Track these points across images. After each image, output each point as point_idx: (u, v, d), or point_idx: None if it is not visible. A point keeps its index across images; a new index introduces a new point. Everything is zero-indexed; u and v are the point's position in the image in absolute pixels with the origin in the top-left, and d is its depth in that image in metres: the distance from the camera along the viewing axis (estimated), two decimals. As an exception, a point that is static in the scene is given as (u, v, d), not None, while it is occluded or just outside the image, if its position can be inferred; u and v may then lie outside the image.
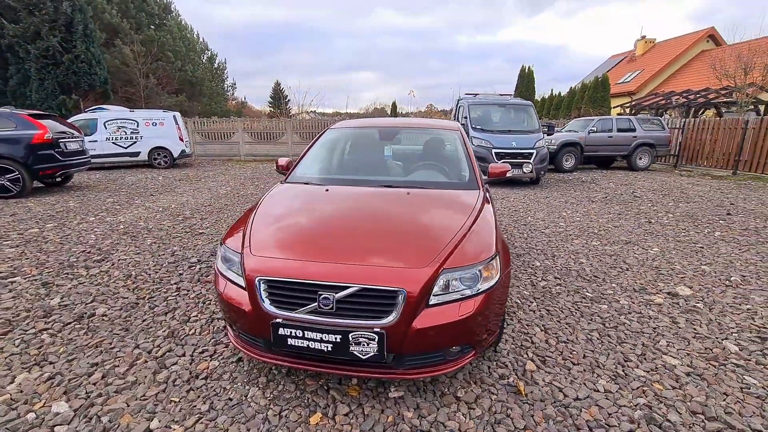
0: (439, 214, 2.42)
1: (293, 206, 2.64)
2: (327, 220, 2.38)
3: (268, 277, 1.91)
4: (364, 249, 2.02)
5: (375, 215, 2.43)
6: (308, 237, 2.20)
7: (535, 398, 2.07)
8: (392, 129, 3.69)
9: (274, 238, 2.19)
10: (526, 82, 19.23)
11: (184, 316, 2.92)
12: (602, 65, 33.83)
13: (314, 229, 2.28)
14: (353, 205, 2.59)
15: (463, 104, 10.34)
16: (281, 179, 3.22)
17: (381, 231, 2.21)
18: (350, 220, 2.37)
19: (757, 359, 2.45)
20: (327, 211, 2.52)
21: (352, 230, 2.23)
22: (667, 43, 29.07)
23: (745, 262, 4.19)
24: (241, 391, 2.10)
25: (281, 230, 2.30)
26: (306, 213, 2.51)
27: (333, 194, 2.73)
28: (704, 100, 15.03)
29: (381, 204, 2.57)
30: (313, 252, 2.01)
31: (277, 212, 2.53)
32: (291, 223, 2.40)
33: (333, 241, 2.12)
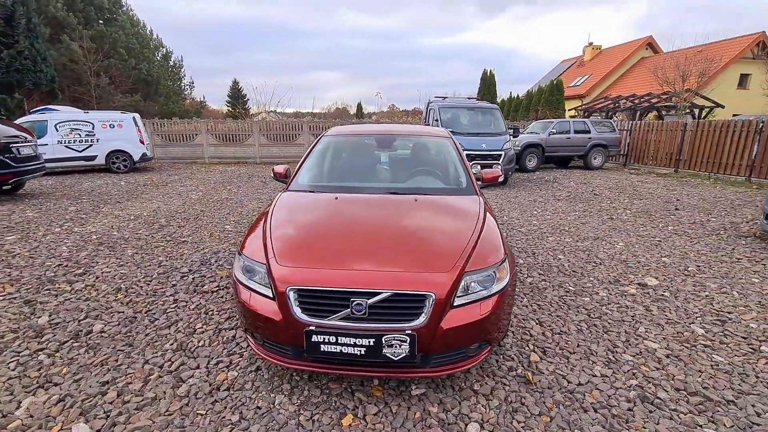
0: (449, 219, 2.57)
1: (308, 215, 2.69)
2: (346, 228, 2.46)
3: (300, 286, 1.97)
4: (389, 255, 2.13)
5: (390, 222, 2.54)
6: (332, 245, 2.27)
7: (543, 386, 2.27)
8: (389, 136, 3.80)
9: (298, 248, 2.24)
10: (488, 85, 20.02)
11: (188, 328, 2.87)
12: (554, 69, 35.78)
13: (335, 238, 2.35)
14: (367, 213, 2.68)
15: (434, 107, 10.63)
16: (282, 187, 3.25)
17: (400, 237, 2.33)
18: (368, 228, 2.46)
19: (720, 339, 2.81)
20: (343, 219, 2.60)
21: (373, 238, 2.33)
22: (612, 49, 31.25)
23: (697, 253, 4.70)
24: (268, 399, 2.14)
25: (303, 239, 2.35)
26: (323, 221, 2.58)
27: (344, 202, 2.80)
28: (648, 104, 16.37)
29: (393, 211, 2.68)
30: (341, 260, 2.09)
31: (293, 221, 2.57)
32: (311, 231, 2.46)
33: (357, 248, 2.21)
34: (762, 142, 10.35)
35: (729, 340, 2.80)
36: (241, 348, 2.62)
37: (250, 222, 5.93)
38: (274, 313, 2.01)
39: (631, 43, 29.62)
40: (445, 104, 10.58)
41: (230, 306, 3.20)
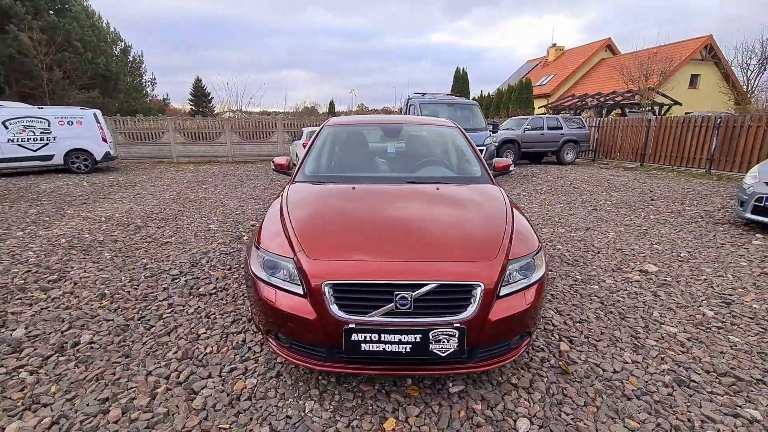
0: (478, 208, 2.47)
1: (328, 206, 2.50)
2: (373, 219, 2.29)
3: (337, 281, 1.80)
4: (428, 245, 2.00)
5: (418, 211, 2.40)
6: (364, 237, 2.10)
7: (580, 376, 2.22)
8: (395, 126, 3.66)
9: (328, 240, 2.06)
10: (461, 83, 20.28)
11: (190, 334, 2.62)
12: (521, 69, 36.80)
13: (365, 229, 2.19)
14: (390, 203, 2.53)
15: (414, 103, 10.58)
16: (288, 178, 3.05)
17: (434, 226, 2.19)
18: (396, 217, 2.31)
19: (730, 321, 2.88)
20: (368, 209, 2.44)
21: (405, 227, 2.18)
22: (574, 50, 32.52)
23: (683, 240, 4.88)
24: (298, 407, 1.95)
25: (331, 231, 2.17)
26: (347, 212, 2.40)
27: (363, 192, 2.64)
28: (613, 102, 17.11)
29: (417, 200, 2.55)
30: (377, 252, 1.93)
31: (315, 212, 2.38)
32: (337, 223, 2.27)
33: (391, 239, 2.06)
34: (719, 136, 11.02)
35: (739, 321, 2.87)
36: (254, 353, 2.41)
37: (235, 221, 5.61)
38: (306, 311, 1.83)
39: (592, 44, 30.92)
40: (426, 100, 10.55)
41: (233, 309, 2.95)
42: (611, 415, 1.92)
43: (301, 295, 1.87)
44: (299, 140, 11.72)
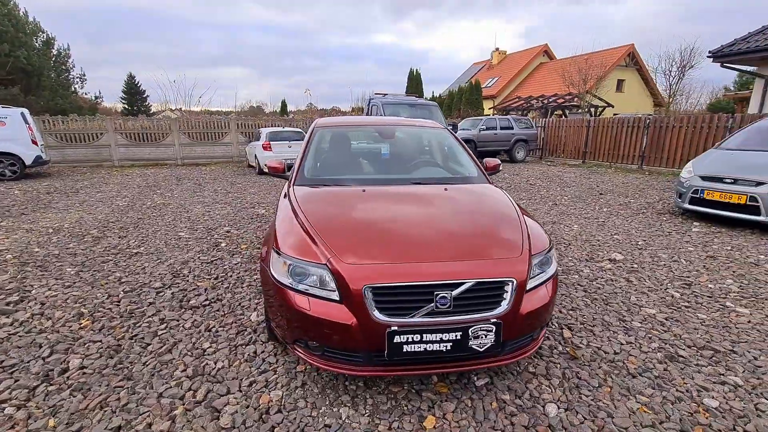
0: (489, 206, 2.56)
1: (346, 209, 2.45)
2: (394, 221, 2.30)
3: (378, 284, 1.79)
4: (459, 245, 2.05)
5: (436, 212, 2.44)
6: (394, 238, 2.10)
7: (588, 359, 2.40)
8: (389, 127, 3.68)
9: (358, 244, 2.03)
10: (415, 83, 20.71)
11: (195, 349, 2.46)
12: (467, 71, 38.31)
13: (392, 230, 2.19)
14: (406, 204, 2.55)
15: (376, 103, 10.64)
16: (285, 181, 2.97)
17: (455, 226, 2.25)
18: (417, 219, 2.33)
19: (694, 300, 3.25)
20: (387, 211, 2.44)
21: (429, 228, 2.21)
22: (515, 54, 34.47)
23: (636, 229, 5.39)
24: (333, 415, 1.92)
25: (358, 235, 2.14)
26: (368, 215, 2.38)
27: (376, 194, 2.64)
28: (556, 104, 18.38)
29: (431, 200, 2.59)
30: (412, 253, 1.95)
31: (333, 216, 2.33)
32: (363, 226, 2.24)
33: (421, 240, 2.08)
34: (649, 136, 12.27)
35: (701, 300, 3.24)
36: (270, 364, 2.32)
37: (206, 228, 5.31)
38: (344, 316, 1.80)
39: (531, 49, 32.96)
40: (388, 100, 10.65)
41: (233, 320, 2.82)
42: (624, 393, 2.10)
43: (337, 301, 1.85)
44: (257, 141, 11.31)
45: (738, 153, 5.98)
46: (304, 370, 2.27)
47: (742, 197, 5.27)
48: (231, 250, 4.35)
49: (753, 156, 5.70)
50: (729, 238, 4.96)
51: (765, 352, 2.48)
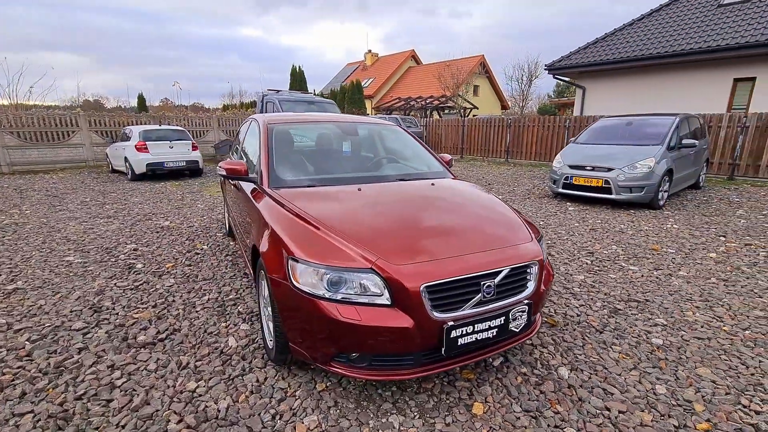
0: (480, 199, 2.70)
1: (355, 209, 2.29)
2: (413, 217, 2.25)
3: (433, 281, 1.77)
4: (484, 235, 2.14)
5: (443, 205, 2.48)
6: (422, 235, 2.06)
7: (563, 325, 2.78)
8: (350, 125, 3.55)
9: (397, 243, 1.94)
10: (299, 81, 20.13)
11: (178, 393, 2.02)
12: (342, 71, 38.95)
13: (418, 227, 2.14)
14: (409, 200, 2.51)
15: (272, 100, 10.06)
16: (252, 186, 2.67)
17: (468, 219, 2.33)
18: (431, 214, 2.33)
19: (600, 265, 4.02)
20: (396, 208, 2.37)
21: (448, 222, 2.24)
22: (387, 57, 36.45)
23: (532, 212, 6.36)
24: (386, 425, 1.83)
25: (389, 234, 2.03)
26: (381, 213, 2.27)
27: (374, 193, 2.55)
28: (434, 105, 20.12)
29: (429, 196, 2.62)
30: (448, 247, 1.95)
31: (348, 218, 2.15)
32: (385, 225, 2.13)
33: (448, 234, 2.10)
34: (512, 133, 14.47)
35: (605, 264, 4.04)
36: (283, 390, 2.06)
37: (102, 248, 4.30)
38: (400, 320, 1.73)
39: (401, 54, 35.30)
40: (285, 97, 10.17)
41: (209, 350, 2.39)
42: (602, 346, 2.52)
43: (387, 305, 1.76)
44: (127, 142, 9.52)
45: (590, 146, 7.56)
46: (325, 388, 2.09)
47: (599, 181, 6.69)
48: (155, 272, 3.63)
49: (601, 148, 7.29)
50: (595, 213, 6.24)
51: (664, 296, 3.25)
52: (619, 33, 14.55)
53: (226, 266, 3.80)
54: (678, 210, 6.46)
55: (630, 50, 13.28)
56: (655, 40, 13.14)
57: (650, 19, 14.38)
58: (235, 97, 38.31)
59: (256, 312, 2.89)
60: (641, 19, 14.62)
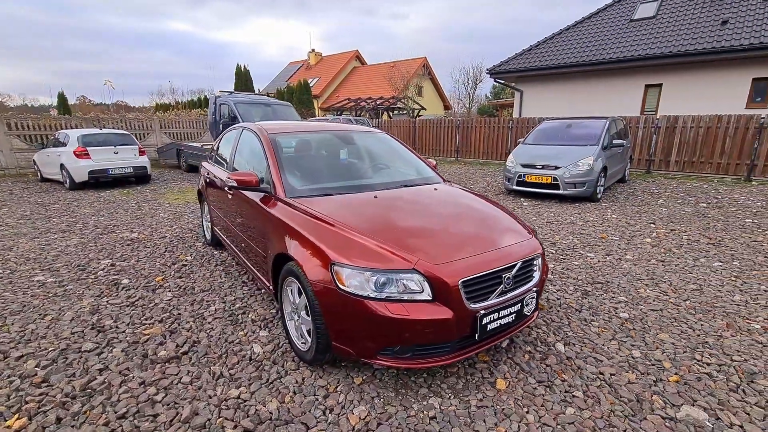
0: (479, 202, 2.99)
1: (381, 214, 2.50)
2: (431, 221, 2.50)
3: (468, 276, 2.03)
4: (498, 233, 2.44)
5: (452, 209, 2.74)
6: (448, 236, 2.31)
7: (548, 308, 3.19)
8: (346, 134, 3.69)
9: (429, 245, 2.17)
10: (244, 80, 19.39)
11: (224, 401, 2.08)
12: (285, 70, 38.09)
13: (436, 230, 2.39)
14: (424, 205, 2.75)
15: (227, 102, 9.76)
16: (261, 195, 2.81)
17: (479, 219, 2.62)
18: (447, 216, 2.59)
19: (565, 252, 4.58)
20: (416, 212, 2.62)
21: (465, 223, 2.52)
22: (331, 57, 36.28)
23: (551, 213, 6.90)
24: (429, 407, 2.06)
25: (418, 236, 2.27)
26: (406, 218, 2.50)
27: (389, 199, 2.75)
28: (385, 105, 20.50)
29: (441, 200, 2.88)
30: (471, 246, 2.22)
31: (376, 222, 2.37)
32: (415, 228, 2.37)
33: (469, 234, 2.37)
34: (461, 134, 15.28)
35: (567, 252, 4.60)
36: (324, 387, 2.21)
37: (74, 266, 4.02)
38: (442, 312, 1.97)
39: (345, 53, 35.33)
40: (240, 99, 9.91)
41: (238, 359, 2.45)
42: (584, 323, 2.96)
43: (429, 301, 1.99)
44: (62, 147, 8.68)
45: (538, 147, 8.34)
46: (362, 381, 2.27)
47: (549, 178, 7.44)
48: (146, 286, 3.51)
49: (547, 149, 8.08)
50: (547, 207, 6.95)
51: (620, 278, 3.82)
52: (550, 41, 15.95)
53: (220, 276, 3.77)
54: (612, 202, 7.39)
55: (559, 58, 14.65)
56: (580, 49, 14.62)
57: (576, 29, 15.93)
58: (165, 95, 35.87)
59: (270, 318, 2.96)
60: (568, 30, 16.15)
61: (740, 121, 10.08)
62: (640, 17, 14.78)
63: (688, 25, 13.12)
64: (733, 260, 4.28)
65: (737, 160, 10.22)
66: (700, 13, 13.47)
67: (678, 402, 2.10)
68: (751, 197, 7.73)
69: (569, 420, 1.97)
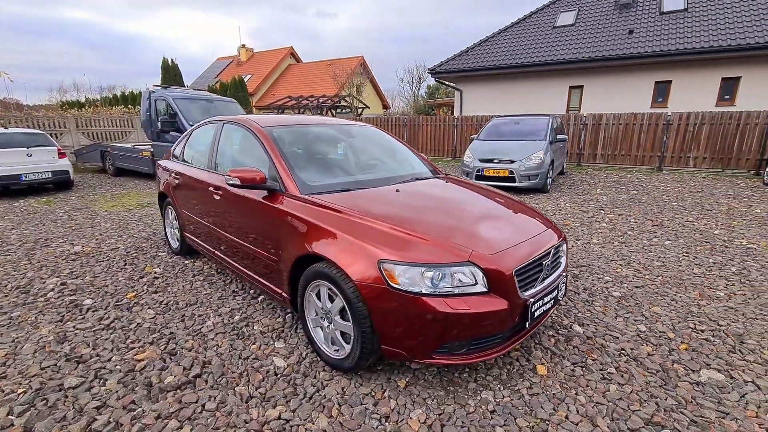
0: (491, 193, 2.97)
1: (409, 209, 2.41)
2: (461, 213, 2.47)
3: (521, 265, 2.02)
4: (526, 222, 2.45)
5: (477, 201, 2.72)
6: (486, 227, 2.27)
7: (550, 292, 3.32)
8: (346, 128, 3.52)
9: (475, 236, 2.12)
10: (173, 75, 17.68)
11: (265, 422, 1.84)
12: (213, 66, 35.74)
13: (472, 220, 2.36)
14: (447, 198, 2.70)
15: (164, 97, 8.86)
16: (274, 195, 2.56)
17: (503, 208, 2.62)
18: (473, 208, 2.56)
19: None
20: (442, 206, 2.57)
21: (491, 215, 2.49)
22: (263, 53, 34.76)
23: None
24: (484, 401, 2.02)
25: (462, 229, 2.19)
26: (438, 210, 2.45)
27: (410, 192, 2.67)
28: (328, 105, 20.09)
29: (456, 192, 2.84)
30: (510, 235, 2.22)
31: (413, 217, 2.27)
32: (452, 220, 2.30)
33: (495, 224, 2.36)
34: (408, 131, 15.52)
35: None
36: (369, 396, 2.07)
37: (12, 288, 3.32)
38: (498, 303, 1.94)
39: (279, 50, 34.06)
40: (181, 95, 9.03)
41: (263, 375, 2.20)
42: (587, 304, 3.12)
43: (485, 292, 1.94)
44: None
45: (491, 142, 8.73)
46: (407, 383, 2.16)
47: (506, 171, 7.84)
48: (117, 305, 3.01)
49: (501, 144, 8.50)
50: (507, 200, 7.30)
51: (597, 260, 4.12)
52: (485, 44, 16.84)
53: (203, 287, 3.37)
54: (560, 192, 8.00)
55: (494, 60, 15.54)
56: (512, 52, 15.63)
57: (506, 33, 16.99)
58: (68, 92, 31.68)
59: (279, 328, 2.71)
60: (500, 33, 17.17)
61: (651, 119, 11.49)
62: (562, 24, 16.19)
63: (603, 34, 14.65)
64: (678, 238, 4.84)
65: (650, 152, 11.64)
66: (611, 22, 15.10)
67: (696, 367, 2.30)
68: (668, 184, 8.86)
69: (616, 396, 2.05)
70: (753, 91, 12.26)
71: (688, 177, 9.88)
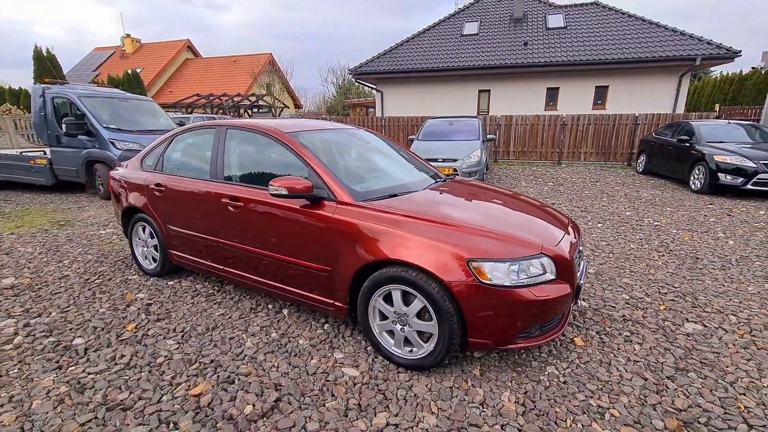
0: (507, 192, 3.24)
1: (467, 209, 2.62)
2: (500, 209, 2.74)
3: (575, 252, 2.32)
4: (551, 217, 2.77)
5: (498, 199, 2.93)
6: (532, 222, 2.54)
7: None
8: (351, 131, 3.51)
9: (530, 231, 2.36)
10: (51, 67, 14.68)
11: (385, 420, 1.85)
12: (90, 57, 30.91)
13: (515, 215, 2.65)
14: (476, 197, 2.92)
15: (66, 96, 7.49)
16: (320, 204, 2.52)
17: (526, 207, 2.88)
18: (504, 206, 2.80)
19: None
20: (486, 205, 2.78)
21: (520, 211, 2.76)
22: (154, 45, 31.09)
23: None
24: (551, 375, 2.29)
25: (515, 225, 2.43)
26: (480, 210, 2.69)
27: (449, 194, 2.87)
28: (245, 104, 18.84)
29: (480, 192, 3.05)
30: (549, 228, 2.53)
31: (471, 216, 2.47)
32: (505, 219, 2.55)
33: (533, 218, 2.65)
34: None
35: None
36: (455, 387, 2.19)
37: None
38: (565, 288, 2.22)
39: (174, 42, 30.80)
40: (86, 93, 7.71)
41: (346, 389, 2.16)
42: (576, 282, 3.63)
43: (553, 279, 2.20)
44: None
45: (431, 143, 9.26)
46: (479, 370, 2.33)
47: (450, 169, 8.38)
48: (123, 340, 2.58)
49: (441, 144, 9.06)
50: (455, 196, 7.86)
51: (561, 244, 4.77)
52: (401, 47, 17.56)
53: (212, 308, 3.06)
54: (496, 187, 8.87)
55: (410, 63, 16.36)
56: (426, 56, 16.61)
57: (420, 38, 17.95)
58: None
59: (325, 339, 2.64)
60: (414, 38, 18.07)
61: (551, 120, 13.32)
62: (468, 33, 17.69)
63: (503, 44, 16.41)
64: (605, 221, 5.81)
65: (551, 149, 13.50)
66: (508, 34, 16.99)
67: (680, 322, 2.89)
68: (571, 175, 10.41)
69: (643, 353, 2.50)
70: (617, 97, 15.00)
71: (583, 169, 11.71)
